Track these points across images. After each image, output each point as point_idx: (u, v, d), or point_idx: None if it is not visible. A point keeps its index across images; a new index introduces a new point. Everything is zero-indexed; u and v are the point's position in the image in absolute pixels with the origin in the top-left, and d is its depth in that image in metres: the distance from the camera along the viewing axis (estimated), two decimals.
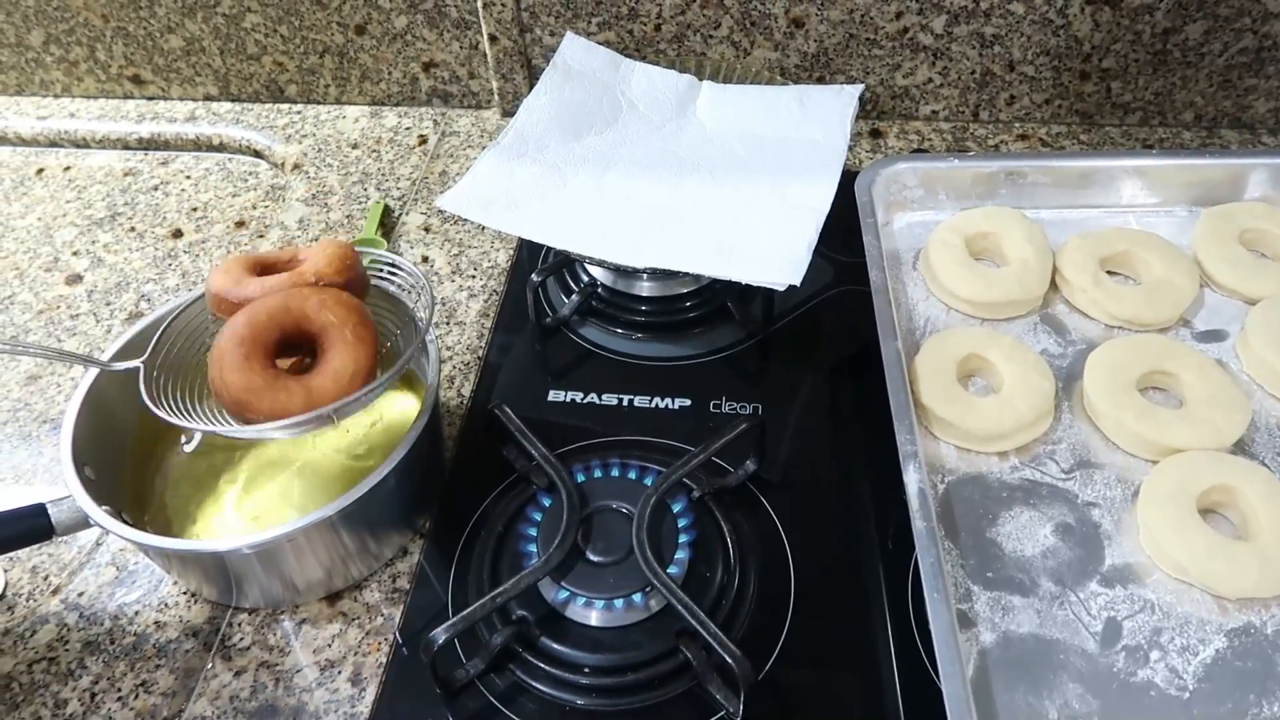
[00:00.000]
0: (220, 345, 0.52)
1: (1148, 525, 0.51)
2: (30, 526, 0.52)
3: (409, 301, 0.59)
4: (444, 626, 0.50)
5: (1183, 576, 0.50)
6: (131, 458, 0.61)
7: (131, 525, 0.52)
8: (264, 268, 0.57)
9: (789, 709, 0.52)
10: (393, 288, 0.60)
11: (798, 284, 0.60)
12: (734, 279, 0.62)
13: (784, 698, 0.52)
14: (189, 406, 0.55)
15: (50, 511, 0.52)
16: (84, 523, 0.53)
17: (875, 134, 0.90)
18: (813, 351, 0.70)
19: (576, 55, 0.81)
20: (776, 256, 0.63)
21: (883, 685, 0.52)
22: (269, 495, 0.61)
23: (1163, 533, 0.50)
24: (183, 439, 0.57)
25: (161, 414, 0.53)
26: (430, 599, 0.57)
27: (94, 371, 0.58)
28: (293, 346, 0.54)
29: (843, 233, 0.67)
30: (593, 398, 0.68)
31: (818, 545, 0.58)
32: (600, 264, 0.67)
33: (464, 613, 0.51)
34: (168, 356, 0.57)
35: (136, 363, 0.55)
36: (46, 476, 0.66)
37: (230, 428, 0.52)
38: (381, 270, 0.61)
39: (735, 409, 0.66)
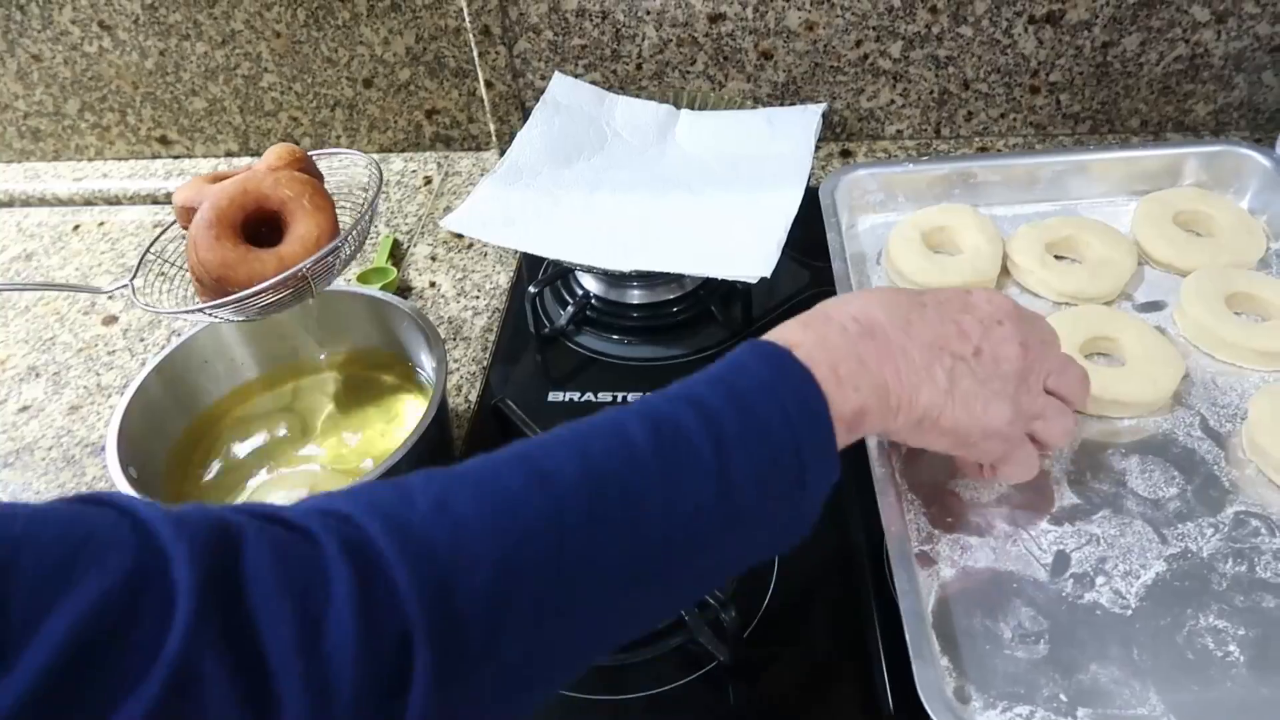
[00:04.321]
0: (192, 233, 0.58)
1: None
2: None
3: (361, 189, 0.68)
4: None
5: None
6: (168, 465, 0.67)
7: None
8: (221, 179, 0.64)
9: (774, 658, 0.56)
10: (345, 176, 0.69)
11: (768, 275, 0.66)
12: (712, 275, 0.68)
13: (770, 648, 0.57)
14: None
15: None
16: None
17: (845, 154, 0.97)
18: None
19: (564, 92, 0.89)
20: (749, 253, 0.69)
21: (864, 634, 0.56)
22: (295, 494, 0.67)
23: None
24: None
25: (156, 310, 0.62)
26: None
27: (138, 381, 0.64)
28: (259, 230, 0.59)
29: (816, 241, 0.73)
30: (589, 396, 0.74)
31: None
32: (591, 270, 0.73)
33: None
34: (154, 276, 0.66)
35: (125, 281, 0.64)
36: None
37: (216, 303, 0.58)
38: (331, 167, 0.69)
39: None
